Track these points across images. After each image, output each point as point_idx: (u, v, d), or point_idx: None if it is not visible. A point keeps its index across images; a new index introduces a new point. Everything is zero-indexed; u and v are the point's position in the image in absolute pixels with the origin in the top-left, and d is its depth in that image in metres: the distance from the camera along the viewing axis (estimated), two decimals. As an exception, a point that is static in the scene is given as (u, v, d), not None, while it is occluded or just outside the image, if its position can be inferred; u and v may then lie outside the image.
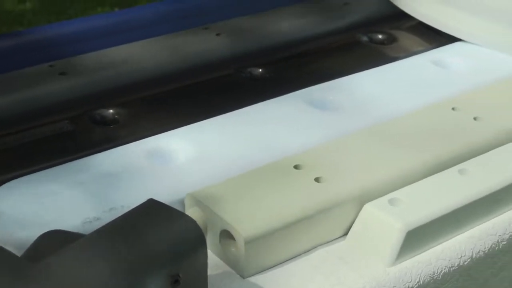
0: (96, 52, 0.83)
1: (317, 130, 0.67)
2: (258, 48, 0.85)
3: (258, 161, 0.62)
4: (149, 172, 0.61)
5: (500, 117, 0.68)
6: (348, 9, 0.94)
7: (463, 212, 0.59)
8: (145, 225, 0.43)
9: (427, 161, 0.62)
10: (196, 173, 0.61)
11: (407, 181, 0.60)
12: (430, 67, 0.78)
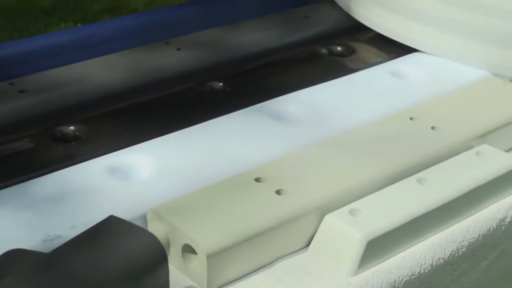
0: (56, 69, 0.83)
1: (278, 143, 0.68)
2: (218, 62, 0.85)
3: (220, 174, 0.62)
4: (111, 188, 0.61)
5: (457, 126, 0.70)
6: (307, 23, 0.95)
7: (423, 220, 0.60)
8: (105, 242, 0.43)
9: (386, 171, 0.63)
10: (158, 188, 0.61)
11: (367, 191, 0.61)
12: (388, 77, 0.80)
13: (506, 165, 0.66)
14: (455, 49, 0.81)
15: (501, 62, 0.80)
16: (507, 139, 0.72)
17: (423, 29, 0.83)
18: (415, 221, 0.59)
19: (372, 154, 0.65)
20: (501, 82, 0.78)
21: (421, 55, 0.84)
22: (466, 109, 0.73)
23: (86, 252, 0.42)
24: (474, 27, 0.80)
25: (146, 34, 0.92)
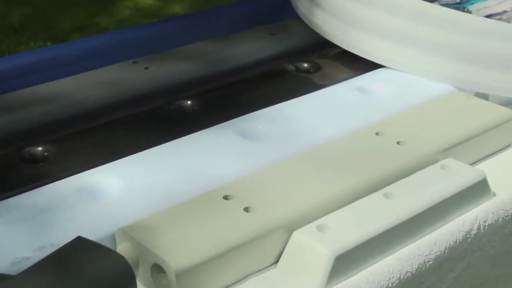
0: (25, 89, 0.83)
1: (246, 160, 0.68)
2: (186, 80, 0.86)
3: (188, 192, 0.63)
4: (79, 208, 0.61)
5: (422, 141, 0.71)
6: (274, 40, 0.96)
7: (390, 234, 0.60)
8: (72, 263, 0.43)
9: (353, 186, 0.64)
10: (127, 208, 0.61)
11: (334, 207, 0.62)
12: (355, 93, 0.81)
13: (470, 178, 0.67)
14: (420, 64, 0.83)
15: (465, 76, 0.81)
16: (471, 152, 0.73)
17: (388, 45, 0.84)
18: (383, 235, 0.60)
19: (339, 170, 0.66)
20: (464, 96, 0.80)
21: (387, 71, 0.85)
22: (431, 124, 0.74)
23: (54, 274, 0.42)
24: (438, 42, 0.81)
25: (114, 53, 0.93)
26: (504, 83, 0.80)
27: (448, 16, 0.83)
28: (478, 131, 0.73)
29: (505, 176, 0.71)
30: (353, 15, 0.87)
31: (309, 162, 0.67)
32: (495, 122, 0.75)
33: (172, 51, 0.93)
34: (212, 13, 1.08)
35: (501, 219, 0.68)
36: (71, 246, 0.45)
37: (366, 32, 0.86)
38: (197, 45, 0.94)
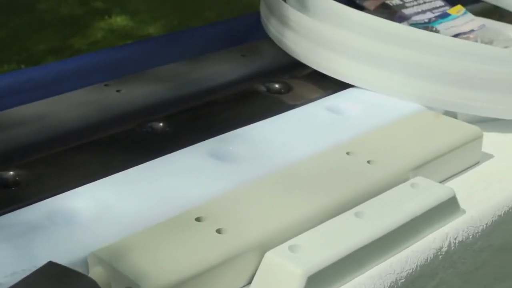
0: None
1: (218, 181, 0.69)
2: (158, 102, 0.86)
3: (161, 215, 0.63)
4: (52, 233, 0.61)
5: (392, 159, 0.72)
6: (245, 61, 0.96)
7: (362, 253, 0.61)
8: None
9: (325, 206, 0.65)
10: (99, 231, 0.61)
11: (306, 227, 0.62)
12: (325, 113, 0.81)
13: (440, 196, 0.67)
14: (389, 84, 0.84)
15: (434, 95, 0.82)
16: (441, 170, 0.74)
17: (357, 65, 0.85)
18: (354, 254, 0.60)
19: (310, 190, 0.67)
20: (433, 114, 0.81)
21: (357, 90, 0.86)
22: (401, 142, 0.75)
23: (24, 300, 0.42)
24: (407, 62, 0.82)
25: (89, 75, 0.93)
26: (472, 101, 0.82)
27: (416, 36, 0.84)
28: (447, 149, 0.74)
29: (474, 193, 0.72)
30: (322, 36, 0.88)
31: (281, 182, 0.68)
32: (464, 140, 0.76)
33: (144, 73, 0.94)
34: (184, 35, 1.09)
35: (471, 235, 0.68)
36: (42, 271, 0.45)
37: (335, 53, 0.86)
38: (168, 67, 0.95)
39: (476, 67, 0.81)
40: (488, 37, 1.04)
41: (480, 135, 0.77)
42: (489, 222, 0.70)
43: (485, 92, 0.81)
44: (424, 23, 1.06)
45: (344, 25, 0.88)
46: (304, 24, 0.90)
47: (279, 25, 0.95)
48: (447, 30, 1.05)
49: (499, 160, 0.78)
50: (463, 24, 1.07)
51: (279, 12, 0.95)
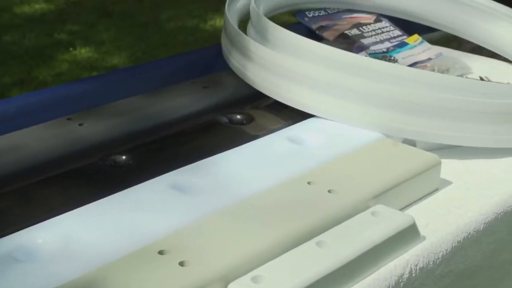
0: None
1: (181, 214, 0.69)
2: (120, 135, 0.86)
3: (124, 249, 0.63)
4: (14, 269, 0.61)
5: (353, 188, 0.73)
6: (207, 92, 0.97)
7: (324, 282, 0.61)
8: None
9: (287, 236, 0.65)
10: (62, 267, 0.61)
11: (269, 257, 0.63)
12: (286, 143, 0.82)
13: (400, 224, 0.68)
14: (348, 113, 0.85)
15: (392, 124, 0.83)
16: (400, 198, 0.75)
17: (317, 95, 0.86)
18: (317, 283, 0.61)
19: (272, 220, 0.67)
20: (392, 143, 0.82)
21: (317, 120, 0.87)
22: (361, 171, 0.76)
23: None
24: (366, 92, 0.84)
25: (48, 110, 0.93)
26: (430, 129, 0.83)
27: (374, 66, 0.86)
28: (406, 177, 0.75)
29: (433, 219, 0.73)
30: (283, 67, 0.89)
31: (243, 213, 0.68)
32: (423, 168, 0.77)
33: (106, 106, 0.94)
34: (146, 67, 1.09)
35: (431, 262, 0.70)
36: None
37: (296, 83, 0.88)
38: (131, 99, 0.95)
39: (433, 96, 0.83)
40: (445, 65, 1.06)
41: (438, 162, 0.78)
42: (449, 248, 0.71)
43: (442, 120, 0.83)
44: (382, 52, 1.08)
45: (304, 56, 0.89)
46: (265, 55, 0.91)
47: (240, 56, 0.96)
48: (405, 59, 1.06)
49: (457, 186, 0.80)
50: (420, 52, 1.09)
51: (239, 44, 0.96)
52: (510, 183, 0.80)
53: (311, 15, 1.16)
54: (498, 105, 0.83)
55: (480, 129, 0.84)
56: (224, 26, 1.04)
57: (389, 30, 1.15)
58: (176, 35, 3.75)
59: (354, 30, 1.13)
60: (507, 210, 0.77)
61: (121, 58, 3.42)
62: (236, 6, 1.09)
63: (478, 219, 0.74)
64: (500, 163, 0.84)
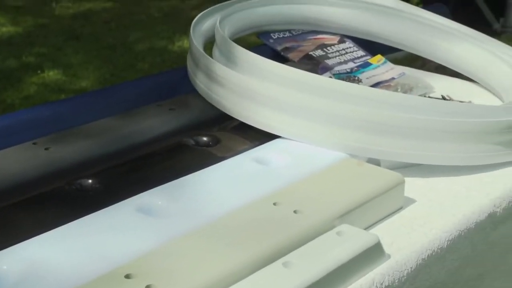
0: None
1: (148, 237, 0.69)
2: (86, 159, 0.86)
3: (91, 273, 0.63)
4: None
5: (318, 208, 0.73)
6: (173, 115, 0.97)
7: (291, 303, 0.62)
8: None
9: (253, 257, 0.66)
10: (28, 293, 0.61)
11: (236, 279, 0.63)
12: (252, 164, 0.83)
13: (365, 243, 0.69)
14: (313, 134, 0.86)
15: (357, 144, 0.84)
16: (365, 217, 0.75)
17: (282, 116, 0.87)
18: (283, 304, 0.61)
19: (239, 241, 0.68)
20: (356, 163, 0.83)
21: (283, 141, 0.88)
22: (326, 191, 0.77)
23: None
24: (330, 112, 0.84)
25: (14, 135, 0.93)
26: (394, 148, 0.84)
27: (338, 87, 0.87)
28: (370, 196, 0.76)
29: (398, 238, 0.74)
30: (248, 89, 0.90)
31: (209, 235, 0.68)
32: (387, 187, 0.78)
33: (72, 130, 0.94)
34: (112, 90, 1.10)
35: (397, 280, 0.70)
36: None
37: (261, 105, 0.88)
38: (97, 123, 0.95)
39: (396, 116, 0.84)
40: (408, 84, 1.07)
41: (402, 181, 0.79)
42: (414, 266, 0.72)
43: (406, 139, 0.84)
44: (346, 72, 1.09)
45: (268, 78, 0.90)
46: (230, 77, 0.92)
47: (206, 79, 0.97)
48: (369, 79, 1.08)
49: (421, 204, 0.81)
50: (384, 72, 1.10)
51: (204, 66, 0.97)
52: (473, 201, 0.81)
53: (276, 37, 1.18)
54: (460, 124, 0.85)
55: (443, 148, 0.85)
56: (190, 48, 1.04)
57: (353, 51, 1.17)
58: (144, 56, 3.75)
59: (318, 51, 1.15)
60: (470, 227, 0.78)
61: (90, 81, 3.42)
62: (202, 28, 1.10)
63: (442, 237, 0.75)
64: (463, 180, 0.85)
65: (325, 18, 1.20)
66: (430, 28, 1.16)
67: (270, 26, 1.19)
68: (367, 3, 1.21)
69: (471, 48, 1.13)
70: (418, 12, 1.20)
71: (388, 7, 1.20)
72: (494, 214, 0.81)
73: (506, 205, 0.82)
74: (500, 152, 0.87)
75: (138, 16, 4.55)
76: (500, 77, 1.07)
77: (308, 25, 1.21)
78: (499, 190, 0.84)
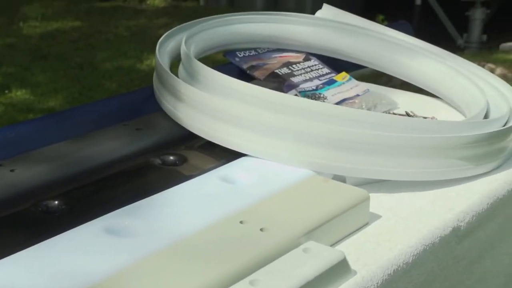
0: None
1: (115, 257, 0.69)
2: (52, 181, 0.86)
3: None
4: None
5: (284, 226, 0.74)
6: (140, 135, 0.97)
7: (258, 320, 0.62)
8: None
9: (221, 276, 0.66)
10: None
11: (202, 298, 0.63)
12: (219, 183, 0.83)
13: (331, 260, 0.70)
14: (279, 152, 0.86)
15: (322, 161, 0.85)
16: (331, 233, 0.76)
17: (248, 135, 0.87)
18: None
19: (206, 260, 0.68)
20: (322, 180, 0.84)
21: (249, 159, 0.88)
22: (292, 208, 0.77)
23: None
24: (295, 130, 0.85)
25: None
26: (359, 165, 0.85)
27: (303, 105, 0.88)
28: (336, 213, 0.77)
29: (364, 254, 0.75)
30: (213, 108, 0.90)
31: (177, 255, 0.69)
32: (352, 203, 0.79)
33: (38, 151, 0.93)
34: (79, 111, 1.09)
35: (363, 296, 0.71)
36: None
37: (227, 123, 0.89)
38: (63, 144, 0.95)
39: (360, 133, 0.85)
40: (372, 101, 1.08)
41: (367, 197, 0.80)
42: (380, 281, 0.73)
43: (370, 156, 0.85)
44: (312, 90, 1.10)
45: (233, 96, 0.91)
46: (195, 96, 0.92)
47: (171, 98, 0.97)
48: (334, 96, 1.09)
49: (386, 219, 0.82)
50: (349, 89, 1.12)
51: (170, 85, 0.97)
52: (436, 215, 0.82)
53: (241, 55, 1.18)
54: (423, 140, 0.86)
55: (407, 163, 0.86)
56: (156, 67, 1.05)
57: (318, 68, 1.18)
58: (112, 75, 3.74)
59: (284, 69, 1.15)
60: (435, 242, 0.79)
61: (58, 100, 3.40)
62: (168, 47, 1.10)
63: (407, 252, 0.76)
64: (427, 195, 0.87)
65: (290, 36, 1.21)
66: (393, 45, 1.18)
67: (236, 45, 1.20)
68: (332, 21, 1.22)
69: (433, 64, 1.14)
70: (382, 30, 1.22)
71: (352, 25, 1.21)
72: (458, 228, 0.82)
73: (470, 219, 0.84)
74: (463, 166, 0.89)
75: (106, 35, 4.54)
76: (462, 93, 1.09)
77: (274, 43, 1.22)
78: (462, 204, 0.85)
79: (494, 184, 0.90)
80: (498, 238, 0.93)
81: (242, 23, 1.19)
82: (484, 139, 0.89)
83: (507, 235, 0.95)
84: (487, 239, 0.89)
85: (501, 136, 0.92)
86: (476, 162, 0.90)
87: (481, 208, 0.86)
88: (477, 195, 0.87)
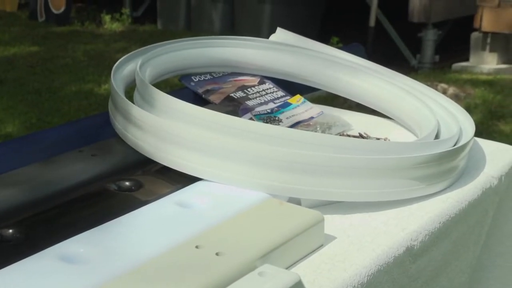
0: None
1: (70, 286, 0.69)
2: (6, 208, 0.85)
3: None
4: None
5: (240, 250, 0.74)
6: (95, 160, 0.97)
7: None
8: None
9: (176, 301, 0.66)
10: None
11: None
12: (175, 208, 0.83)
13: (287, 282, 0.70)
14: (234, 175, 0.87)
15: (278, 184, 0.86)
16: (287, 256, 0.77)
17: (203, 159, 0.88)
18: None
19: (160, 286, 0.68)
20: (278, 202, 0.84)
21: (205, 183, 0.88)
22: (248, 232, 0.78)
23: None
24: (249, 153, 0.86)
25: None
26: (313, 187, 0.86)
27: (257, 129, 0.89)
28: (291, 235, 0.78)
29: (319, 275, 0.76)
30: (167, 132, 0.90)
31: (132, 281, 0.69)
32: (307, 225, 0.80)
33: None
34: (34, 137, 1.09)
35: (319, 317, 0.72)
36: None
37: (181, 148, 0.89)
38: (17, 171, 0.94)
39: (314, 155, 0.86)
40: (327, 123, 1.10)
41: (321, 219, 0.81)
42: (335, 302, 0.73)
43: (324, 178, 0.86)
44: (267, 113, 1.11)
45: (187, 121, 0.91)
46: (149, 121, 0.92)
47: (126, 123, 0.97)
48: (289, 119, 1.10)
49: (341, 241, 0.83)
50: (303, 112, 1.13)
51: (124, 111, 0.97)
52: (390, 235, 0.83)
53: (197, 79, 1.19)
54: (376, 161, 0.87)
55: (360, 184, 0.87)
56: (111, 92, 1.05)
57: (273, 91, 1.19)
58: (71, 100, 3.72)
59: (239, 93, 1.16)
60: (389, 261, 0.80)
61: (15, 126, 3.37)
62: (123, 72, 1.10)
63: (361, 272, 0.77)
64: (380, 215, 0.88)
65: (244, 60, 1.22)
66: (346, 67, 1.19)
67: (191, 69, 1.20)
68: (285, 44, 1.23)
69: (384, 86, 1.16)
70: (334, 53, 1.23)
71: (306, 49, 1.23)
72: (411, 247, 0.84)
73: (423, 238, 0.85)
74: (415, 186, 0.90)
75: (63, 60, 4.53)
76: (413, 114, 1.11)
77: (229, 67, 1.23)
78: (415, 223, 0.86)
79: (446, 203, 0.91)
80: (453, 256, 0.94)
81: (197, 48, 1.20)
82: (435, 159, 0.91)
83: (462, 253, 0.97)
84: (441, 258, 0.91)
85: (452, 156, 0.94)
86: (428, 182, 0.91)
87: (434, 227, 0.87)
88: (430, 215, 0.88)
